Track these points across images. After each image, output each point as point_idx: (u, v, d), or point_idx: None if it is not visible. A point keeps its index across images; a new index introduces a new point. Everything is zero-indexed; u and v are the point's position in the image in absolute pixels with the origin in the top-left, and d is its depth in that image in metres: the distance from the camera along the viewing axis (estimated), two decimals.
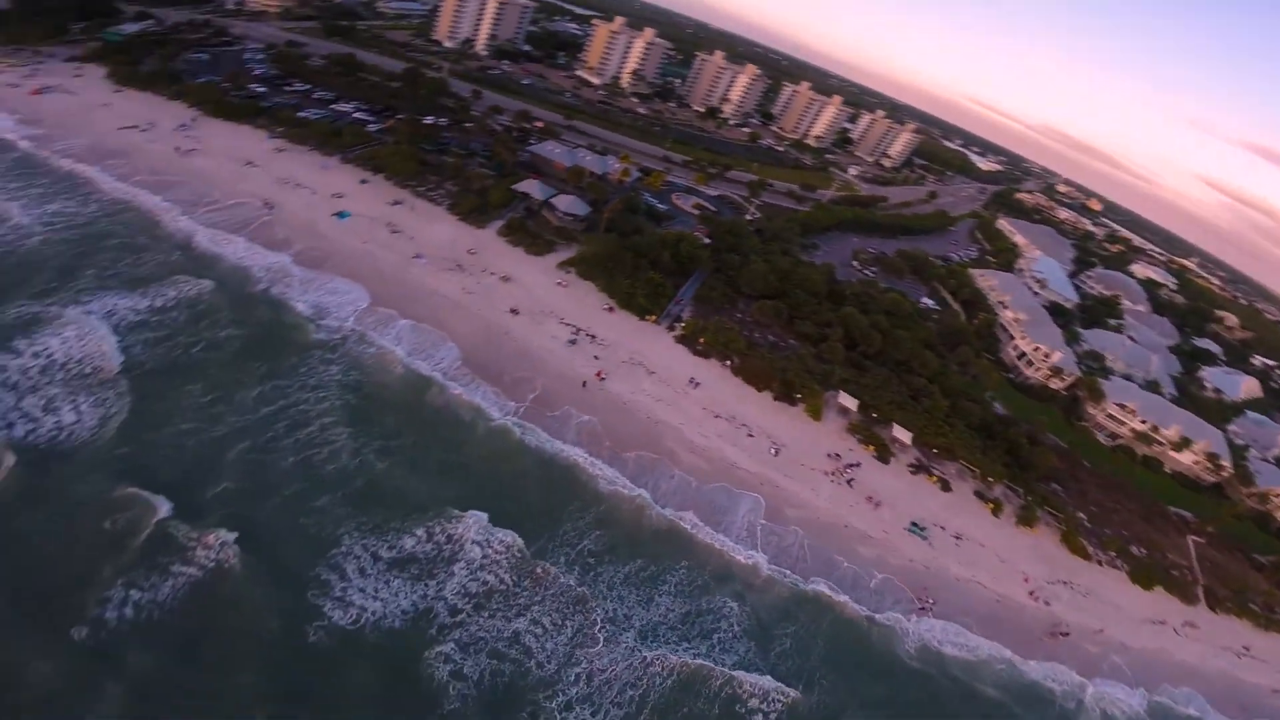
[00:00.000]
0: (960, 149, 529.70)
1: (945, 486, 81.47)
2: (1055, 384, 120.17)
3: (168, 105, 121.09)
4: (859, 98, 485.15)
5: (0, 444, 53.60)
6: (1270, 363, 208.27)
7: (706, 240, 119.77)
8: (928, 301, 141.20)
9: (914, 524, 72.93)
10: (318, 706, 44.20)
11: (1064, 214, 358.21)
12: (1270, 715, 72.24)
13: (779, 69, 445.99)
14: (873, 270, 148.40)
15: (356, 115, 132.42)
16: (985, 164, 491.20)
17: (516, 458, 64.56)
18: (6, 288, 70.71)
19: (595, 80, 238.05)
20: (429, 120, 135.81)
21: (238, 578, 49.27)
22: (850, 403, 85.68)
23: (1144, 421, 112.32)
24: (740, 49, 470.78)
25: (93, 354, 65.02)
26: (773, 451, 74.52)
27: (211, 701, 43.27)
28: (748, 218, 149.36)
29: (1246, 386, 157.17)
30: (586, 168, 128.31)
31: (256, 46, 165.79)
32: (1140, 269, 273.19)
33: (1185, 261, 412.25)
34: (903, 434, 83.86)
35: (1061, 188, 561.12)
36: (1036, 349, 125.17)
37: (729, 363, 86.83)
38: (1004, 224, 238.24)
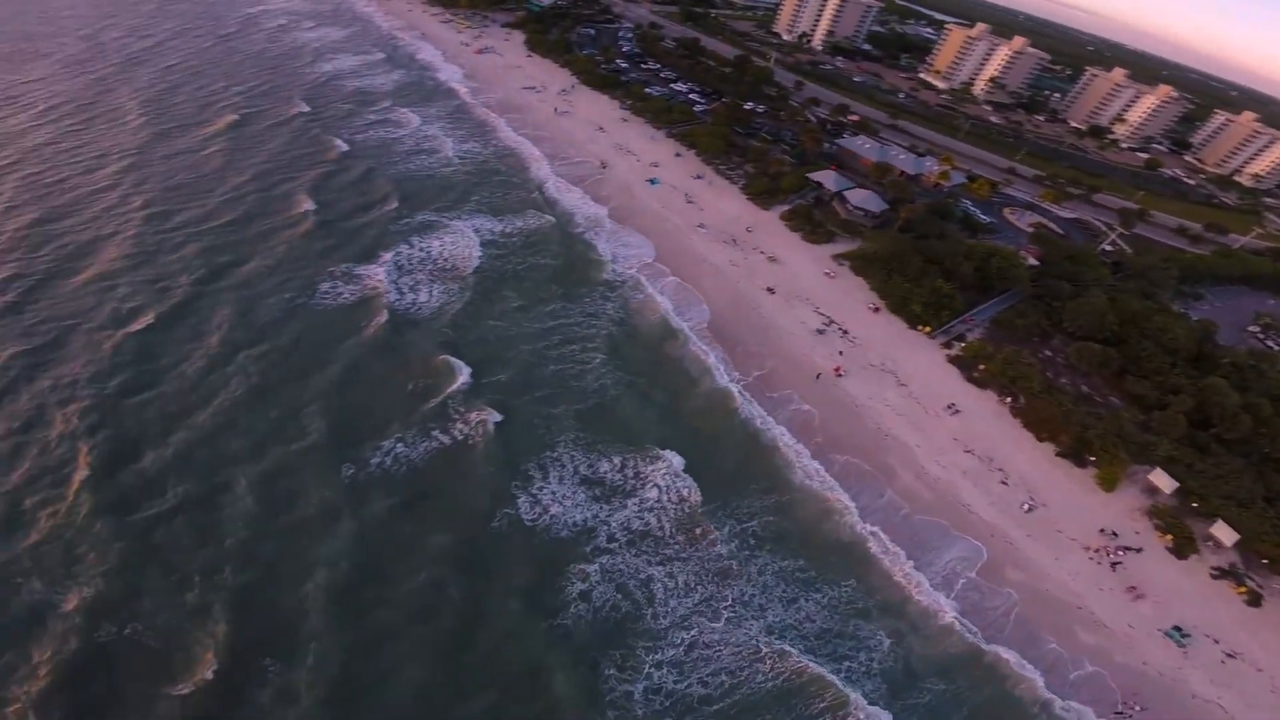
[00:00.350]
0: None
1: (1254, 601, 57.29)
2: None
3: (557, 71, 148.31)
4: None
5: (384, 304, 74.40)
6: None
7: (1033, 261, 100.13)
8: None
9: (1176, 628, 53.71)
10: (470, 581, 48.74)
11: None
12: None
13: (1220, 98, 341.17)
14: (1278, 343, 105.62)
15: (690, 95, 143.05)
16: None
17: (725, 422, 64.27)
18: (424, 200, 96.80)
19: (940, 84, 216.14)
20: (748, 106, 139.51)
21: (474, 454, 58.37)
22: (1165, 483, 63.79)
23: None
24: (1166, 72, 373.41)
25: (457, 257, 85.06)
26: (1025, 507, 60.03)
27: (402, 554, 50.18)
28: (1105, 247, 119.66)
29: None
30: (896, 166, 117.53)
31: (629, 26, 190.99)
32: None
33: None
34: (1225, 533, 60.49)
35: None
36: None
37: (1009, 399, 71.76)
38: None
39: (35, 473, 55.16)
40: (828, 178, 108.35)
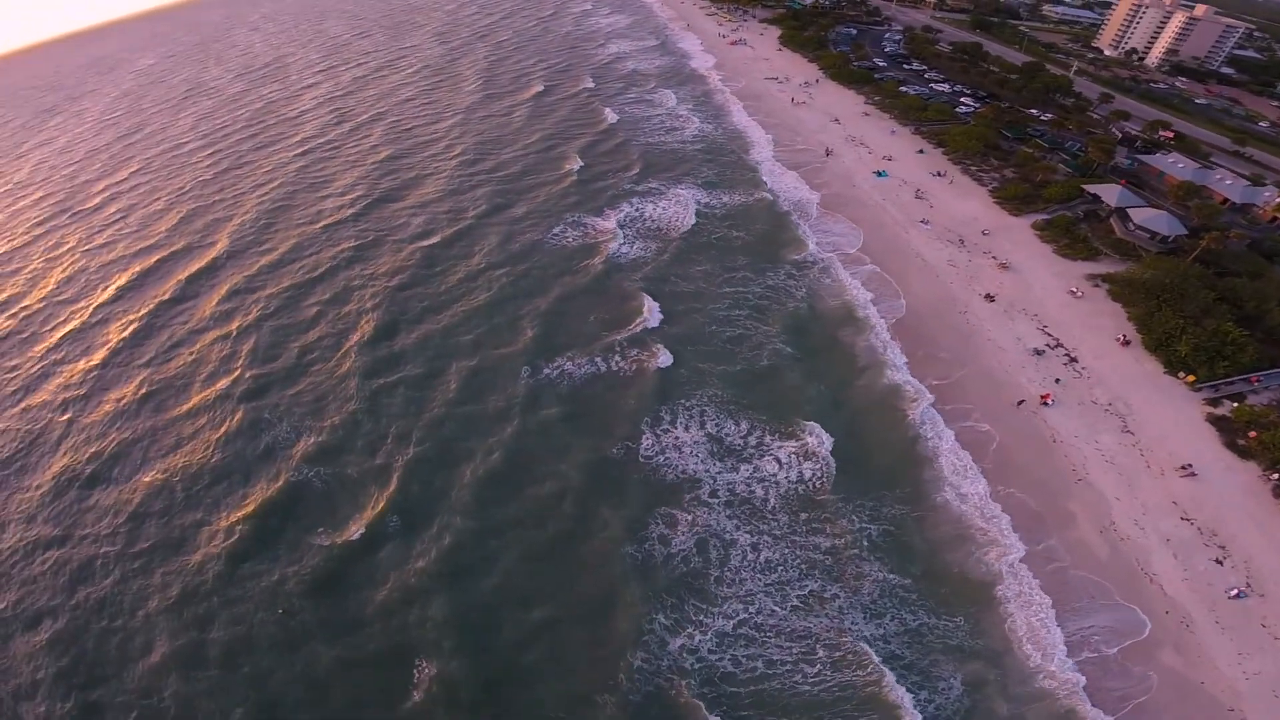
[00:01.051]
0: None
1: None
2: None
3: (805, 65, 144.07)
4: None
5: (604, 250, 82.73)
6: None
7: None
8: None
9: None
10: (580, 498, 50.81)
11: None
12: None
13: None
14: None
15: (961, 98, 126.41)
16: None
17: (886, 418, 57.39)
18: (661, 169, 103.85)
19: None
20: (1031, 111, 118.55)
21: (629, 386, 61.14)
22: None
23: None
24: None
25: (671, 219, 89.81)
26: (1233, 592, 43.48)
27: (541, 459, 53.86)
28: None
29: None
30: (1216, 190, 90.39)
31: (898, 28, 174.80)
32: None
33: None
34: None
35: None
36: None
37: (1276, 476, 52.59)
38: None
39: (326, 334, 72.86)
40: (1110, 192, 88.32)
